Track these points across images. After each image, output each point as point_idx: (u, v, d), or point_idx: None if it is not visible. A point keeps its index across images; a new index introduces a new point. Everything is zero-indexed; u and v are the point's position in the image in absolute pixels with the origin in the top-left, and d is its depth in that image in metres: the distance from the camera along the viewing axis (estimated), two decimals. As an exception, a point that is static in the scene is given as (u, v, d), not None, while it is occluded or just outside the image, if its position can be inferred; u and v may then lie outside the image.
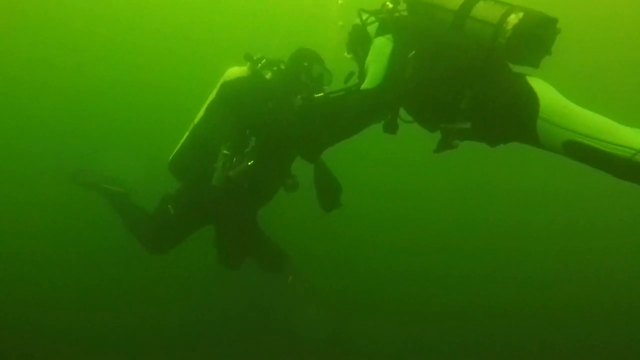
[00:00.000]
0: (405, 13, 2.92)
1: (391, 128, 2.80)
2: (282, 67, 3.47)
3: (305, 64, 3.43)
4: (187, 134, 3.59)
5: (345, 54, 3.23)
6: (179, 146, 3.59)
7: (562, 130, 2.09)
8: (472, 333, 4.61)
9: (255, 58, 3.41)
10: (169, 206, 3.59)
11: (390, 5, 2.88)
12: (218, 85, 3.48)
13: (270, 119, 3.23)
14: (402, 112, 2.83)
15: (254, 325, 4.59)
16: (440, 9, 2.63)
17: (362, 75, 2.81)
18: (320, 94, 3.02)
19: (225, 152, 3.25)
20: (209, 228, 3.83)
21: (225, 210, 3.54)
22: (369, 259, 5.15)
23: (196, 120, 3.55)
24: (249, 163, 3.22)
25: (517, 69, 2.52)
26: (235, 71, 3.44)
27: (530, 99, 2.23)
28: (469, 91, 2.42)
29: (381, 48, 2.73)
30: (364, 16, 3.00)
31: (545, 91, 2.27)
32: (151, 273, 4.76)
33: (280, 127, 3.21)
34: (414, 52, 2.58)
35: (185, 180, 3.61)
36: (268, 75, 3.42)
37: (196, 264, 4.86)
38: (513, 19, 2.31)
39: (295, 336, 4.34)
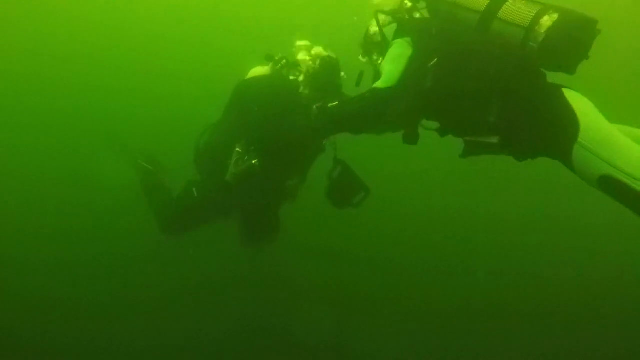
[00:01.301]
0: (425, 13, 2.69)
1: (411, 139, 2.60)
2: (309, 70, 3.37)
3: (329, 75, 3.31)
4: (212, 129, 3.66)
5: (360, 57, 3.04)
6: (204, 140, 3.64)
7: (601, 163, 1.84)
8: (475, 334, 4.59)
9: (276, 58, 3.42)
10: (194, 189, 3.68)
11: (409, 5, 2.68)
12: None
13: (277, 119, 3.24)
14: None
15: (256, 325, 4.58)
16: (464, 9, 2.36)
17: (377, 77, 2.61)
18: (334, 103, 2.85)
19: (238, 149, 3.29)
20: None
21: (238, 202, 3.63)
22: (372, 257, 5.13)
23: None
24: (254, 162, 3.23)
25: (550, 76, 2.29)
26: (257, 71, 3.48)
27: (569, 119, 1.97)
28: (498, 103, 2.19)
29: (400, 51, 2.51)
30: (381, 17, 2.77)
31: (585, 111, 2.00)
32: (152, 274, 4.77)
33: (286, 129, 3.22)
34: (435, 60, 2.35)
35: (208, 171, 3.66)
36: (290, 76, 3.42)
37: (198, 266, 4.86)
38: (546, 21, 2.05)
39: (296, 336, 4.34)
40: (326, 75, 3.28)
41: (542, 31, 2.05)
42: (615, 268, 5.20)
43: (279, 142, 3.25)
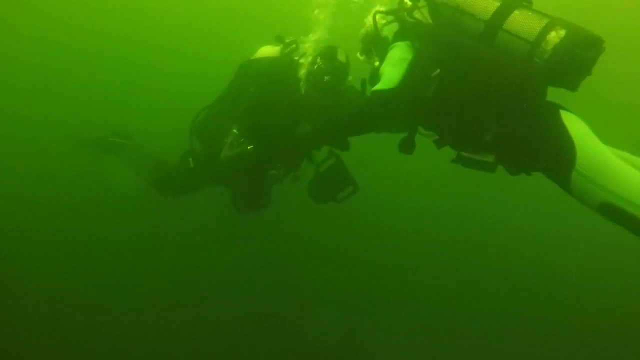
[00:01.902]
0: (426, 13, 2.58)
1: (408, 147, 2.53)
2: (317, 60, 3.29)
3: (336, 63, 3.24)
4: (212, 103, 3.62)
5: (358, 54, 2.96)
6: (204, 114, 3.62)
7: (599, 190, 1.85)
8: (487, 338, 4.60)
9: (287, 41, 3.37)
10: (190, 159, 3.66)
11: (409, 3, 2.58)
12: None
13: (270, 106, 3.21)
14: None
15: (267, 327, 4.57)
16: (468, 16, 2.25)
17: (375, 78, 2.54)
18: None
19: (235, 131, 3.27)
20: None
21: (230, 178, 3.61)
22: (383, 260, 5.12)
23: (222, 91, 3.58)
24: (249, 147, 3.20)
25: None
26: (265, 51, 3.41)
27: (566, 146, 1.95)
28: (496, 123, 2.14)
29: (401, 54, 2.45)
30: (379, 17, 2.70)
31: (582, 136, 1.98)
32: (163, 274, 4.74)
33: (275, 118, 3.19)
34: (438, 71, 2.28)
35: (205, 144, 3.66)
36: (297, 57, 3.36)
37: (209, 267, 4.84)
38: (553, 37, 1.99)
39: (307, 339, 4.34)
40: (325, 81, 3.22)
41: (549, 48, 2.00)
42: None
43: (266, 130, 3.21)
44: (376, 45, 2.77)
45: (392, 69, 2.42)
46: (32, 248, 4.79)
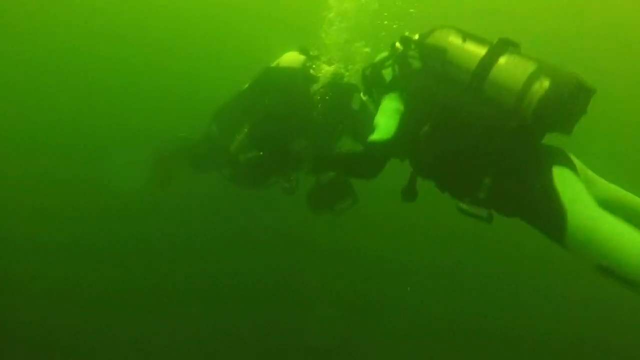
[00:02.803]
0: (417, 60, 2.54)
1: (410, 195, 2.52)
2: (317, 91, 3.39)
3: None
4: (238, 91, 3.67)
5: (362, 95, 3.04)
6: (227, 100, 3.68)
7: (592, 254, 1.85)
8: (486, 340, 4.60)
9: (311, 54, 3.41)
10: (206, 147, 3.75)
11: (401, 48, 2.56)
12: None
13: (280, 121, 3.26)
14: None
15: (266, 328, 4.58)
16: (455, 67, 2.24)
17: (371, 128, 2.52)
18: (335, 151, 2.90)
19: (245, 130, 3.36)
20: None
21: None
22: (383, 260, 5.11)
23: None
24: (260, 153, 3.31)
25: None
26: (290, 58, 3.43)
27: (557, 211, 1.94)
28: (489, 179, 2.12)
29: (393, 105, 2.45)
30: (378, 59, 2.72)
31: (573, 200, 1.95)
32: (162, 275, 4.76)
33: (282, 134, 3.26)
34: (426, 128, 2.27)
35: (221, 128, 3.70)
36: (315, 72, 3.42)
37: (208, 267, 4.86)
38: (538, 89, 1.97)
39: (306, 339, 4.34)
40: (333, 100, 3.27)
41: (534, 100, 1.97)
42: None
43: (268, 141, 3.28)
44: (377, 86, 2.75)
45: (387, 120, 2.42)
46: (32, 248, 4.82)
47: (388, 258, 5.06)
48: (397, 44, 2.58)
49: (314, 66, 3.41)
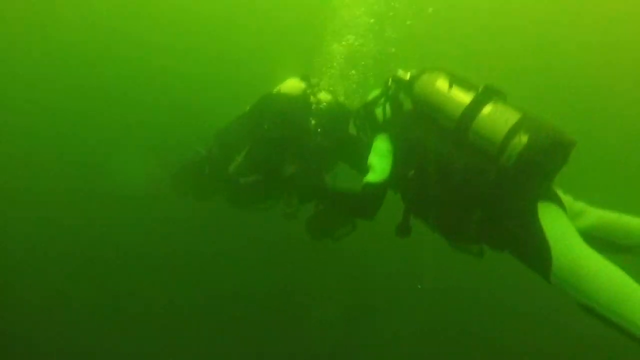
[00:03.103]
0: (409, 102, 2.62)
1: (403, 232, 2.58)
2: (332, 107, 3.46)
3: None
4: (239, 114, 3.75)
5: (350, 128, 3.09)
6: (226, 124, 3.75)
7: (576, 292, 1.90)
8: (486, 339, 4.58)
9: (311, 81, 3.50)
10: (206, 167, 3.79)
11: (394, 87, 2.64)
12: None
13: (279, 147, 3.36)
14: None
15: (266, 330, 4.59)
16: (441, 114, 2.29)
17: (365, 168, 2.59)
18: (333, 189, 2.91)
19: (238, 158, 3.45)
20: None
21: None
22: (383, 261, 5.11)
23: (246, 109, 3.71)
24: (259, 178, 3.38)
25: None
26: (291, 85, 3.52)
27: (542, 250, 1.99)
28: (476, 215, 2.19)
29: (387, 146, 2.54)
30: (371, 97, 2.82)
31: (558, 238, 2.00)
32: (162, 278, 4.79)
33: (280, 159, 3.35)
34: (412, 172, 2.35)
35: (221, 149, 3.77)
36: (314, 99, 3.49)
37: (207, 270, 4.88)
38: (517, 143, 2.02)
39: (306, 341, 4.35)
40: (331, 122, 3.34)
41: (514, 153, 2.03)
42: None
43: (263, 166, 3.36)
44: (370, 124, 2.82)
45: (381, 161, 2.50)
46: (33, 249, 4.86)
47: (388, 258, 5.05)
48: (390, 82, 2.64)
49: (313, 94, 3.48)
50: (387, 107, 2.70)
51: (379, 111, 2.73)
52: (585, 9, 7.03)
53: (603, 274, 1.88)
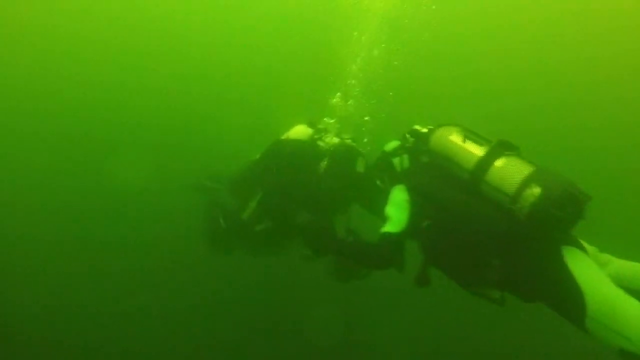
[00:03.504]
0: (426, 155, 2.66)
1: (423, 282, 2.55)
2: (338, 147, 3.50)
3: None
4: (249, 160, 3.81)
5: (378, 182, 3.05)
6: (241, 168, 3.81)
7: (615, 335, 1.81)
8: (490, 333, 4.58)
9: (319, 127, 3.56)
10: (221, 220, 3.77)
11: (411, 140, 2.70)
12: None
13: (289, 192, 3.40)
14: None
15: (267, 326, 4.59)
16: (456, 165, 2.33)
17: (383, 218, 2.60)
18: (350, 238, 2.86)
19: (252, 204, 3.51)
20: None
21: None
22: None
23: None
24: (273, 224, 3.45)
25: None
26: (299, 131, 3.57)
27: (574, 293, 1.93)
28: (496, 263, 2.16)
29: (404, 197, 2.55)
30: (391, 147, 2.87)
31: (589, 281, 1.95)
32: (163, 277, 4.79)
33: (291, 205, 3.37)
34: (426, 223, 2.38)
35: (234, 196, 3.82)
36: (322, 143, 3.55)
37: (209, 268, 4.87)
38: (529, 195, 2.01)
39: (307, 337, 4.35)
40: (339, 165, 3.37)
41: (526, 205, 2.02)
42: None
43: (276, 212, 3.40)
44: (388, 173, 2.87)
45: (398, 212, 2.50)
46: (33, 250, 4.86)
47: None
48: (407, 136, 2.72)
49: (321, 138, 3.53)
50: (405, 158, 2.76)
51: (396, 162, 2.80)
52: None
53: (635, 306, 1.83)
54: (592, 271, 1.99)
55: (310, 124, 3.61)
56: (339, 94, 4.01)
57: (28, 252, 4.87)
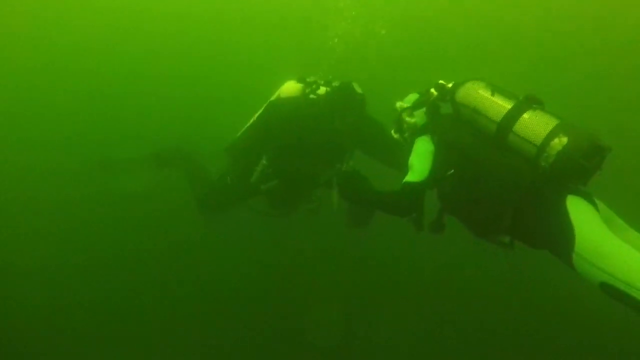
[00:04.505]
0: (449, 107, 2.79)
1: (437, 228, 2.72)
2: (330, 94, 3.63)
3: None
4: (246, 126, 3.92)
5: (392, 132, 3.17)
6: (238, 135, 3.94)
7: (598, 271, 1.95)
8: (490, 335, 4.58)
9: (308, 80, 3.65)
10: (228, 178, 4.01)
11: (435, 94, 2.80)
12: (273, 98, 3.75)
13: (295, 147, 3.55)
14: None
15: (265, 327, 4.59)
16: (483, 117, 2.46)
17: (405, 168, 2.74)
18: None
19: (264, 162, 3.62)
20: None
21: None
22: (383, 258, 5.11)
23: (254, 117, 3.87)
24: (274, 182, 3.60)
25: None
26: (289, 89, 3.67)
27: (566, 231, 2.09)
28: (510, 211, 2.31)
29: (426, 147, 2.70)
30: (408, 104, 2.98)
31: (582, 221, 2.11)
32: (163, 276, 4.80)
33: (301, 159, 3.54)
34: (452, 171, 2.51)
35: (237, 166, 3.98)
36: (314, 95, 3.66)
37: (207, 267, 4.89)
38: (557, 144, 2.16)
39: (306, 338, 4.35)
40: (340, 97, 3.53)
41: (553, 153, 2.16)
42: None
43: (292, 170, 3.55)
44: (409, 128, 2.98)
45: (420, 162, 2.65)
46: (33, 250, 4.87)
47: (388, 255, 5.06)
48: (432, 90, 2.81)
49: (313, 92, 3.60)
50: (426, 111, 2.88)
51: (418, 113, 2.91)
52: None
53: (626, 254, 1.93)
54: (588, 215, 2.14)
55: (300, 79, 3.68)
56: None
57: (28, 252, 4.87)
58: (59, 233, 5.11)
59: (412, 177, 2.60)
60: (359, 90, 3.59)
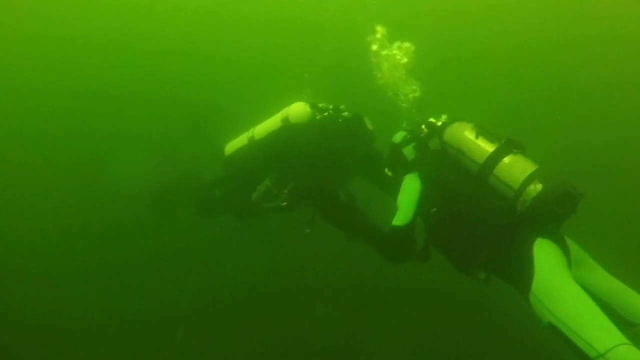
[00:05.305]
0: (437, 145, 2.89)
1: (423, 257, 2.81)
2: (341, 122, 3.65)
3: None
4: (246, 140, 3.89)
5: (386, 170, 3.23)
6: (237, 147, 3.92)
7: (548, 313, 2.10)
8: (489, 335, 4.59)
9: (320, 106, 3.64)
10: (217, 190, 4.03)
11: (426, 131, 2.91)
12: (279, 119, 3.70)
13: (321, 172, 3.58)
14: None
15: (267, 328, 4.60)
16: (467, 158, 2.60)
17: (393, 208, 2.83)
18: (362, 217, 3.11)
19: (268, 183, 3.65)
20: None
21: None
22: (381, 258, 5.12)
23: (257, 133, 3.84)
24: (283, 204, 3.60)
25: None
26: (299, 113, 3.63)
27: (527, 272, 2.23)
28: (485, 248, 2.44)
29: (413, 185, 2.80)
30: (400, 138, 3.08)
31: (545, 264, 2.24)
32: (163, 279, 4.80)
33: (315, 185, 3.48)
34: (435, 209, 2.64)
35: (235, 180, 3.98)
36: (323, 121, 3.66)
37: (208, 269, 4.89)
38: (532, 190, 2.31)
39: (307, 340, 4.35)
40: (350, 132, 3.60)
41: (528, 199, 2.30)
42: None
43: (313, 193, 3.49)
44: (401, 163, 3.07)
45: (406, 202, 2.76)
46: (34, 250, 4.87)
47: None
48: (423, 127, 2.94)
49: (324, 118, 3.64)
50: (415, 148, 2.98)
51: (407, 149, 3.01)
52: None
53: (575, 300, 2.09)
54: (550, 259, 2.26)
55: (312, 107, 3.67)
56: None
57: (28, 252, 4.87)
58: (58, 233, 5.11)
59: (398, 220, 2.71)
60: (369, 126, 3.65)
